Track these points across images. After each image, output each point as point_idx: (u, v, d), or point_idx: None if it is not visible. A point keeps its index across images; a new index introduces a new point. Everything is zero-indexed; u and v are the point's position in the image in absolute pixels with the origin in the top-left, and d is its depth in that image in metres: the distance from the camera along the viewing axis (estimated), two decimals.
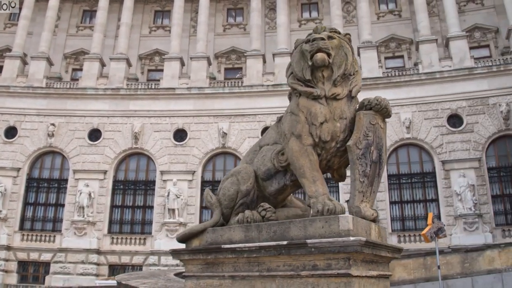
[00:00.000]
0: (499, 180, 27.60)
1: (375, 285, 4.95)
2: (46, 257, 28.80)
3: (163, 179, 30.19)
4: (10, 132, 31.52)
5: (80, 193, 29.36)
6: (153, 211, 29.95)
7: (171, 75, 32.71)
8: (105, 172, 30.51)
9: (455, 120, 28.63)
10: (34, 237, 29.53)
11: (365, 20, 32.59)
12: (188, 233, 5.88)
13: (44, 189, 31.26)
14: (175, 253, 5.98)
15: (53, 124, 31.34)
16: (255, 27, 34.04)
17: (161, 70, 34.24)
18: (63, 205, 30.39)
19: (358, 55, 29.95)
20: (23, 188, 30.72)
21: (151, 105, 31.90)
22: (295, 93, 5.60)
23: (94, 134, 31.52)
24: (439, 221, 17.36)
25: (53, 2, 35.36)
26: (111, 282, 20.88)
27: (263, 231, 5.14)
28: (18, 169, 30.66)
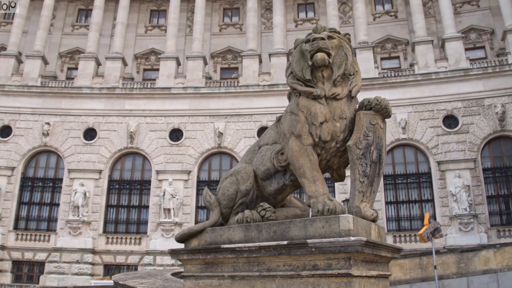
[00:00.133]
0: (494, 181, 27.74)
1: (375, 285, 4.95)
2: (41, 257, 28.66)
3: (159, 179, 30.12)
4: (5, 131, 31.35)
5: (75, 193, 29.23)
6: (149, 211, 29.87)
7: (167, 75, 32.63)
8: (100, 172, 30.40)
9: (451, 121, 28.75)
10: (29, 237, 29.38)
11: (361, 21, 32.65)
12: (187, 233, 5.84)
13: (39, 189, 31.09)
14: (174, 253, 5.95)
15: (48, 123, 31.19)
16: (251, 27, 34.01)
17: (157, 70, 34.13)
18: (58, 205, 30.25)
19: (354, 56, 29.90)
20: (18, 188, 30.56)
21: (147, 105, 31.81)
22: (295, 93, 5.57)
23: (90, 134, 31.40)
24: (436, 221, 17.41)
25: (48, 1, 35.21)
26: (107, 282, 20.81)
27: (263, 231, 5.12)
28: (13, 168, 30.49)
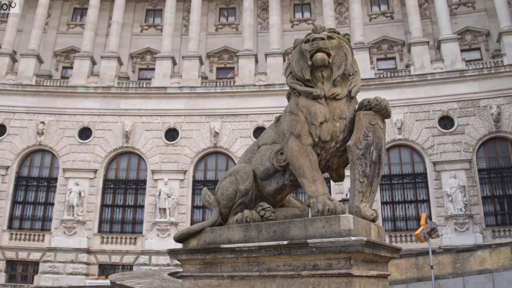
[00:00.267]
0: (490, 182, 27.86)
1: (375, 285, 4.95)
2: (35, 256, 28.49)
3: (154, 179, 30.04)
4: None
5: (70, 192, 29.09)
6: (144, 211, 29.78)
7: (163, 74, 32.54)
8: (96, 171, 30.27)
9: (446, 122, 28.85)
10: (23, 236, 29.19)
11: (357, 22, 32.70)
12: (186, 233, 5.82)
13: (33, 188, 30.91)
14: (173, 253, 5.92)
15: (43, 122, 31.03)
16: (248, 27, 33.97)
17: (153, 69, 34.04)
18: (53, 204, 30.06)
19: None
20: (12, 187, 30.37)
21: (142, 104, 31.69)
22: (295, 93, 5.56)
23: (85, 133, 31.25)
24: (432, 222, 17.47)
25: (44, 0, 35.02)
26: (102, 282, 20.74)
27: (263, 231, 5.11)
28: (7, 168, 30.30)
